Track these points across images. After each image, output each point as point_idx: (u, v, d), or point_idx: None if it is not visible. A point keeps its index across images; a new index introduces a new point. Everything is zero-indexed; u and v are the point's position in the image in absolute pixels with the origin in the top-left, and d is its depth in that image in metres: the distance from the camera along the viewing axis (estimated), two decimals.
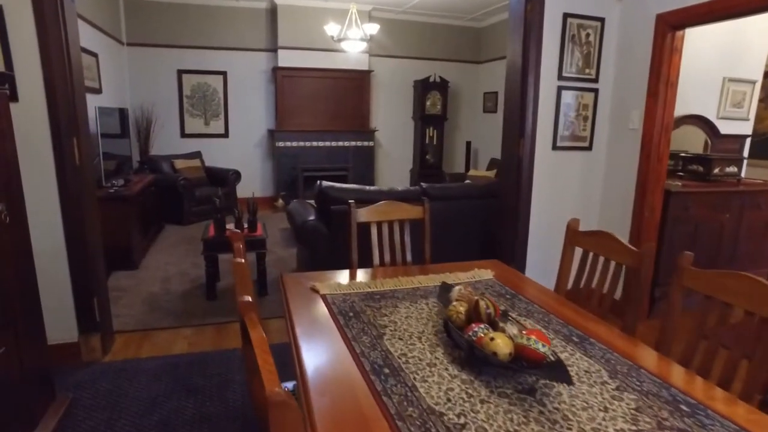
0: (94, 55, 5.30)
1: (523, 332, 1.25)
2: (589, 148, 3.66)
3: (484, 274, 2.09)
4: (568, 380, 1.13)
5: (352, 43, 5.47)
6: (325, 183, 3.72)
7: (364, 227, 2.27)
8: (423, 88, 7.90)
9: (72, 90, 2.48)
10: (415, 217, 2.34)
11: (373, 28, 5.33)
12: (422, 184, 4.01)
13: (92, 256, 2.75)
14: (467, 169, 8.36)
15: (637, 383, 1.25)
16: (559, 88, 3.46)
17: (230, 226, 3.86)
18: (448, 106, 8.15)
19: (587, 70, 3.50)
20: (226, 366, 2.81)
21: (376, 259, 2.26)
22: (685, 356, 1.45)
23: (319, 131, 7.37)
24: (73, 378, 2.63)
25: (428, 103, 7.99)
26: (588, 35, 3.43)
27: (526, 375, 1.25)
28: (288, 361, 1.44)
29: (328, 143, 7.43)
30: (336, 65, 7.33)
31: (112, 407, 2.39)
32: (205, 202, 6.41)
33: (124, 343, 3.08)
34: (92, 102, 4.98)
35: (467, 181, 5.26)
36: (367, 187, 3.81)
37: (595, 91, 3.55)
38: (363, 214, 2.23)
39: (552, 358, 1.21)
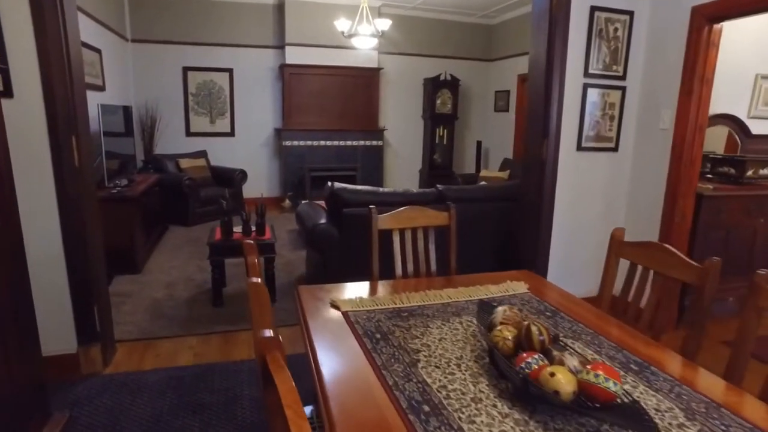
0: (97, 51, 5.14)
1: (587, 366, 1.07)
2: (615, 149, 3.47)
3: (518, 287, 1.91)
4: (652, 430, 0.95)
5: (363, 39, 5.29)
6: (337, 184, 3.55)
7: (385, 234, 2.09)
8: (433, 86, 7.72)
9: (71, 86, 2.32)
10: (440, 224, 2.16)
11: (384, 24, 5.15)
12: (438, 186, 3.83)
13: (93, 262, 2.59)
14: (478, 169, 8.18)
15: (723, 427, 1.07)
16: (585, 86, 3.28)
17: (237, 228, 3.69)
18: (459, 105, 7.96)
19: (614, 67, 3.31)
20: (234, 379, 2.64)
21: (399, 270, 2.08)
22: (766, 391, 1.27)
23: (326, 130, 7.20)
24: (71, 393, 2.46)
25: (438, 101, 7.80)
26: (616, 29, 3.24)
27: (590, 417, 1.07)
28: (302, 374, 1.30)
29: (336, 142, 7.26)
30: (345, 63, 7.15)
31: (112, 427, 2.23)
32: (211, 203, 6.25)
33: (126, 354, 2.92)
34: (95, 99, 4.83)
35: (482, 183, 5.07)
36: (381, 189, 3.63)
37: (623, 89, 3.36)
38: (385, 221, 2.06)
39: (624, 399, 1.03)
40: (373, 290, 1.90)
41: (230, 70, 7.05)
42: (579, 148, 3.37)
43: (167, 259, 4.73)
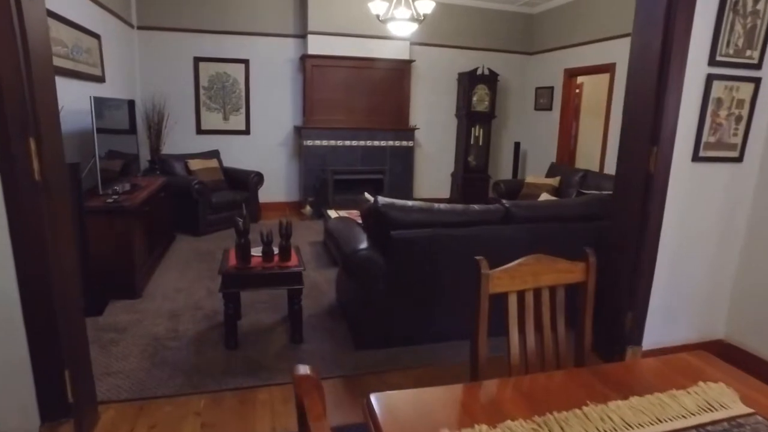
0: (96, 36, 4.47)
1: None
2: (739, 159, 2.71)
3: (719, 394, 1.18)
4: None
5: (400, 24, 4.57)
6: (382, 200, 2.83)
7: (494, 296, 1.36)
8: (469, 81, 6.96)
9: (27, 74, 1.62)
10: (573, 281, 1.43)
11: (427, 6, 4.42)
12: (504, 201, 3.10)
13: (64, 308, 1.90)
14: (515, 174, 7.43)
15: None
16: (709, 77, 2.52)
17: (256, 251, 2.99)
18: (496, 103, 7.20)
19: (748, 52, 2.54)
20: None
21: (514, 347, 1.36)
22: None
23: (352, 129, 6.48)
24: None
25: (475, 98, 7.05)
26: (756, 2, 2.47)
27: None
28: None
29: (362, 143, 6.54)
30: (373, 54, 6.43)
31: None
32: (223, 209, 5.57)
33: (111, 423, 2.23)
34: (92, 92, 4.17)
35: (544, 196, 4.31)
36: (437, 206, 2.91)
37: (756, 81, 2.60)
38: (501, 281, 1.33)
39: None
40: (475, 390, 1.18)
41: (246, 62, 6.36)
42: (695, 157, 2.62)
43: (172, 278, 4.05)
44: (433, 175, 7.46)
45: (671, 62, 2.42)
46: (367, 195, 3.33)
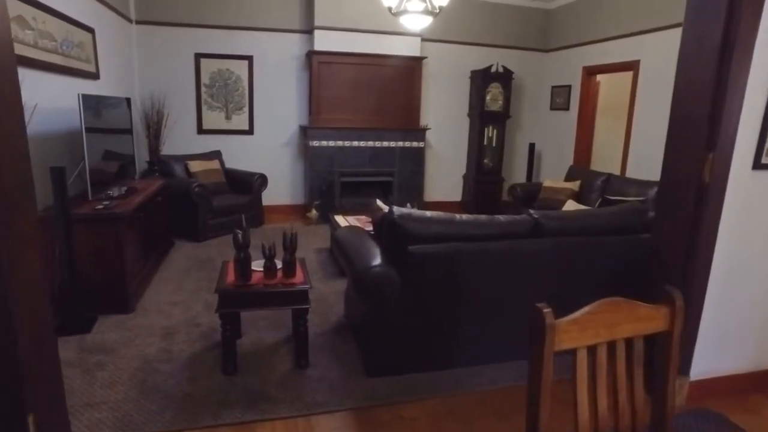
0: (90, 30, 4.19)
1: None
2: None
3: None
4: None
5: (414, 17, 4.26)
6: (398, 210, 2.53)
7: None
8: (483, 79, 6.64)
9: None
10: (653, 331, 1.13)
11: None
12: (532, 212, 2.79)
13: (27, 333, 1.60)
14: (530, 176, 7.11)
15: None
16: None
17: (257, 265, 2.71)
18: (511, 102, 6.89)
19: None
20: None
21: (585, 419, 1.05)
22: None
23: (360, 129, 6.18)
24: None
25: (488, 97, 6.73)
26: None
27: None
28: None
29: (370, 143, 6.23)
30: (382, 50, 6.12)
31: None
32: (225, 213, 5.29)
33: None
34: (86, 89, 3.90)
35: (570, 204, 4.00)
36: (458, 218, 2.60)
37: None
38: (569, 334, 1.02)
39: None
40: None
41: (250, 58, 6.07)
42: (757, 165, 2.31)
43: (169, 290, 3.76)
44: (444, 178, 7.15)
45: (734, 55, 2.11)
46: (379, 203, 3.04)
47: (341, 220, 4.48)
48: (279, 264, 2.70)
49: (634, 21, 5.53)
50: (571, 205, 3.73)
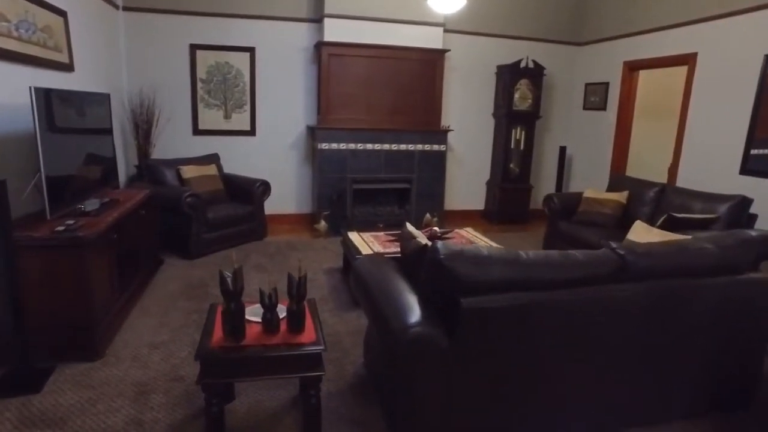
0: (61, 13, 3.54)
1: None
2: None
3: None
4: None
5: (444, 0, 3.60)
6: (442, 246, 1.86)
7: None
8: (511, 75, 5.96)
9: None
10: None
11: None
12: (614, 245, 2.12)
13: None
14: (559, 184, 6.42)
15: None
16: None
17: (254, 312, 2.05)
18: (541, 101, 6.20)
19: None
20: None
21: None
22: None
23: (375, 130, 5.51)
24: None
25: (517, 95, 6.04)
26: None
27: None
28: None
29: (386, 146, 5.56)
30: (400, 41, 5.45)
31: None
32: (222, 226, 4.67)
33: None
34: (56, 82, 3.28)
35: (640, 226, 3.30)
36: (524, 255, 1.92)
37: None
38: None
39: None
40: None
41: (251, 50, 5.41)
42: None
43: (149, 327, 3.11)
44: (466, 185, 6.47)
45: None
46: (409, 227, 2.39)
47: (356, 239, 3.82)
48: (282, 312, 2.05)
49: (687, 8, 4.84)
50: (642, 229, 3.04)
